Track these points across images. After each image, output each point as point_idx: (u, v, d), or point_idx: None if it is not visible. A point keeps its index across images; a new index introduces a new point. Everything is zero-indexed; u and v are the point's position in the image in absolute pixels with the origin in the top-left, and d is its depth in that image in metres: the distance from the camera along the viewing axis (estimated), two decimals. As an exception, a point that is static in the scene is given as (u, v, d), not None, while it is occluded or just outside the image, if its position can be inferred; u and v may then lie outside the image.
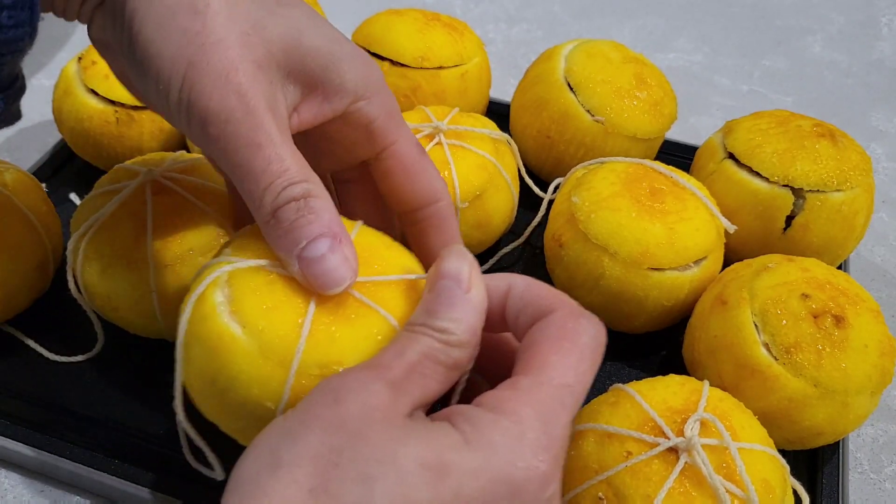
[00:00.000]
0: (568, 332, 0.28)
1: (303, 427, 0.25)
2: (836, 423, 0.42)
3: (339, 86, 0.33)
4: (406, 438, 0.25)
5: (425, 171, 0.37)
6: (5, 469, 0.44)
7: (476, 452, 0.25)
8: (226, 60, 0.29)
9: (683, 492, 0.34)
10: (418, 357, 0.27)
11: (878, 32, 0.88)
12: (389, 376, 0.26)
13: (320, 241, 0.30)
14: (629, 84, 0.55)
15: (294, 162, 0.30)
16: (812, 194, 0.49)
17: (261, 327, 0.29)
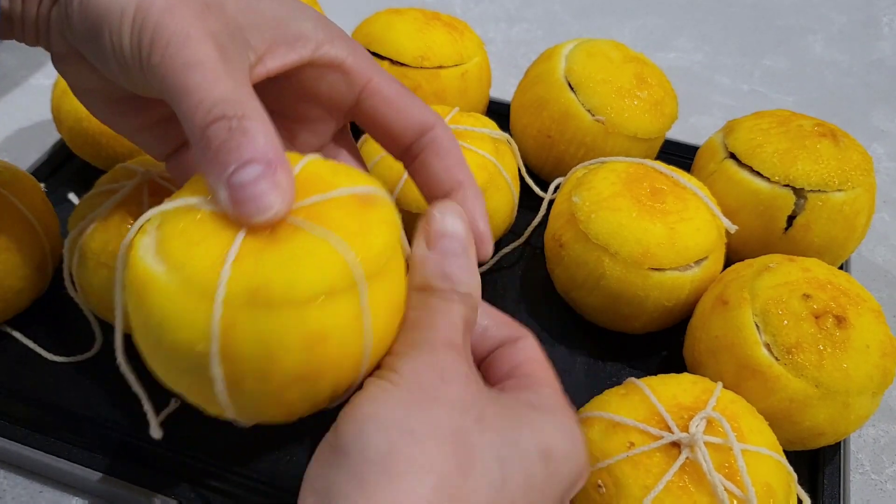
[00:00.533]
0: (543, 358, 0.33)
1: (430, 404, 0.26)
2: (837, 424, 0.42)
3: (299, 34, 0.32)
4: (520, 425, 0.28)
5: (412, 102, 0.35)
6: (4, 470, 0.44)
7: (568, 442, 0.29)
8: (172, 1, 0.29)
9: (682, 486, 0.34)
10: (464, 327, 0.29)
11: (879, 32, 0.88)
12: (464, 354, 0.29)
13: (250, 167, 0.27)
14: (630, 84, 0.55)
15: (231, 85, 0.29)
16: (813, 194, 0.49)
17: (182, 262, 0.26)
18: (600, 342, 0.51)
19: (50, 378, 0.46)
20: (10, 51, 0.76)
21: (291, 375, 0.26)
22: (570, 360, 0.50)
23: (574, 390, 0.48)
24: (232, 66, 0.29)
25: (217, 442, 0.43)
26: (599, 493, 0.35)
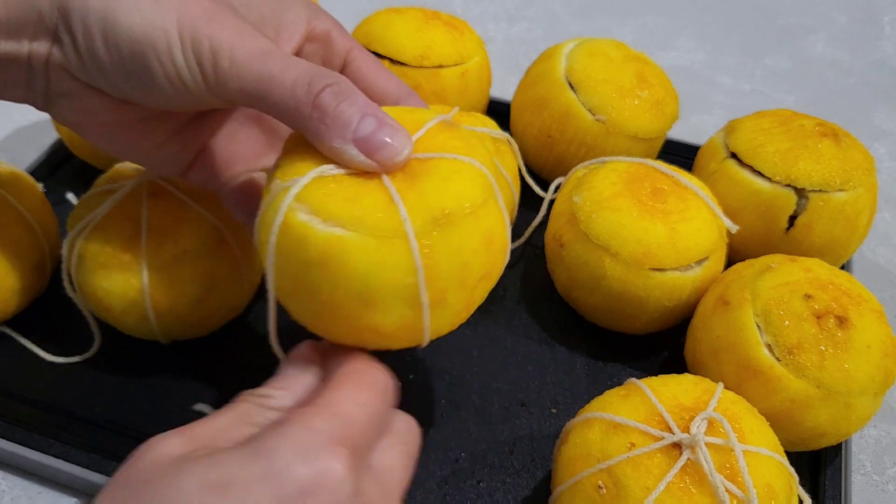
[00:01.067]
0: (359, 369, 0.30)
1: (106, 489, 0.26)
2: (838, 425, 0.41)
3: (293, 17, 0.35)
4: (192, 469, 0.25)
5: (390, 74, 0.38)
6: (2, 471, 0.44)
7: (259, 462, 0.25)
8: (208, 8, 0.31)
9: (683, 487, 0.34)
10: (230, 419, 0.28)
11: (881, 32, 0.88)
12: (189, 433, 0.27)
13: (367, 119, 0.30)
14: (630, 83, 0.55)
15: (307, 62, 0.31)
16: (815, 194, 0.49)
17: (359, 218, 0.28)
18: (601, 342, 0.51)
19: (49, 378, 0.46)
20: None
21: (479, 275, 0.31)
22: (570, 361, 0.50)
23: (575, 391, 0.48)
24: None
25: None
26: (600, 494, 0.35)
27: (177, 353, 0.47)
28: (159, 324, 0.43)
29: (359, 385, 0.29)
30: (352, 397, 0.28)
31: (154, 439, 0.27)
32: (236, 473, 0.24)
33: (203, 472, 0.24)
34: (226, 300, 0.45)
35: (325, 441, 0.26)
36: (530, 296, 0.54)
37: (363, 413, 0.28)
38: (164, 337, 0.45)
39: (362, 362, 0.30)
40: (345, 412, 0.27)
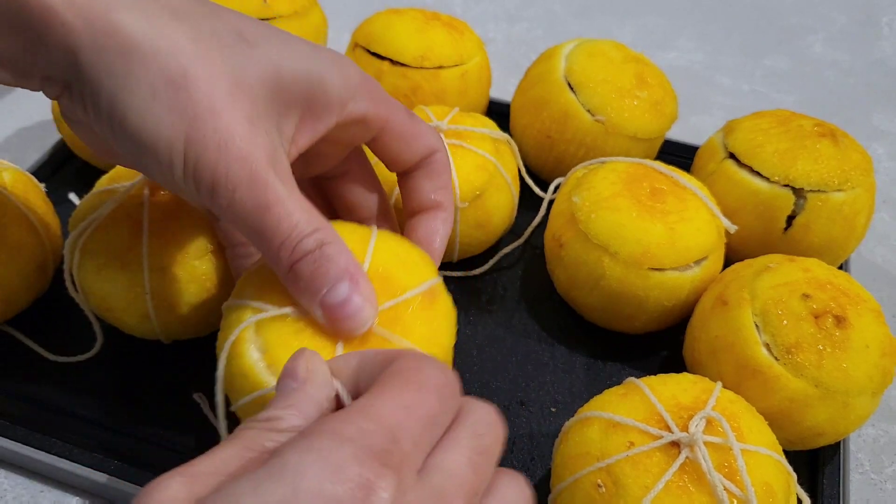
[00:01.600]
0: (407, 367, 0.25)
1: None
2: (837, 424, 0.42)
3: (325, 102, 0.34)
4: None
5: (420, 133, 0.39)
6: (5, 469, 0.44)
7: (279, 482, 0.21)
8: (221, 128, 0.30)
9: (682, 486, 0.34)
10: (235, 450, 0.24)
11: (880, 32, 0.88)
12: (192, 471, 0.23)
13: (339, 286, 0.31)
14: (630, 84, 0.55)
15: (302, 214, 0.31)
16: (813, 194, 0.49)
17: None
18: (600, 342, 0.51)
19: (50, 378, 0.46)
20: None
21: None
22: (570, 360, 0.50)
23: (574, 390, 0.48)
24: (287, 184, 0.31)
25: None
26: (599, 493, 0.35)
27: (178, 352, 0.47)
28: (160, 324, 0.44)
29: (406, 385, 0.24)
30: (396, 399, 0.23)
31: (152, 484, 0.23)
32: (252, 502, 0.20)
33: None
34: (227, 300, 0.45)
35: (360, 454, 0.21)
36: (530, 295, 0.54)
37: (411, 418, 0.23)
38: (165, 337, 0.45)
39: (412, 359, 0.25)
40: (386, 418, 0.23)
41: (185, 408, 0.45)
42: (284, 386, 0.26)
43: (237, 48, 0.31)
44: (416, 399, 0.24)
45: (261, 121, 0.31)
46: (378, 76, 0.57)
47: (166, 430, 0.44)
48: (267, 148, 0.31)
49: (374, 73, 0.58)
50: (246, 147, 0.30)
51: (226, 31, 0.32)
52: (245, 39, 0.32)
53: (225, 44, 0.31)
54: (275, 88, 0.32)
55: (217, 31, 0.31)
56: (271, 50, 0.32)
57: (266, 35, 0.33)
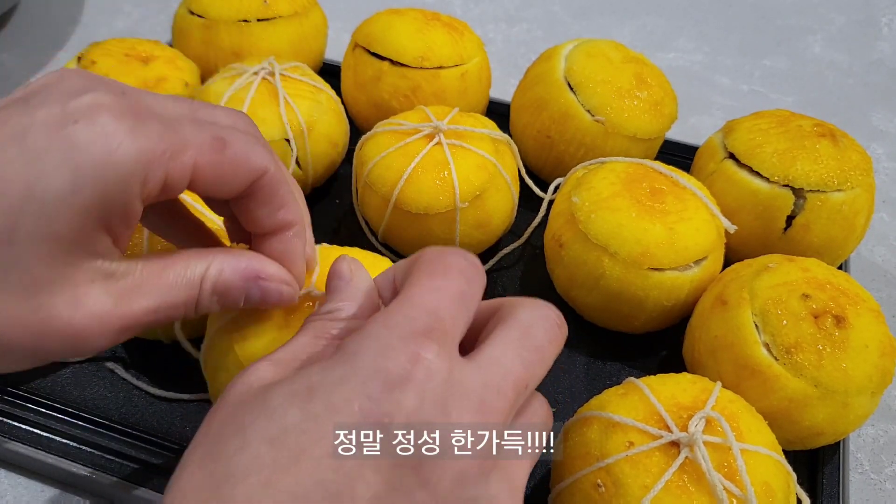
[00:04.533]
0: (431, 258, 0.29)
1: (206, 417, 0.27)
2: (836, 424, 0.42)
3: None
4: (279, 385, 0.25)
5: (243, 157, 0.31)
6: (5, 469, 0.44)
7: (341, 364, 0.25)
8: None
9: (681, 486, 0.34)
10: (307, 338, 0.29)
11: (879, 32, 0.88)
12: (274, 357, 0.28)
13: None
14: (629, 84, 0.55)
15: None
16: (812, 194, 0.49)
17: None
18: (600, 342, 0.51)
19: (50, 377, 0.46)
20: (11, 51, 0.76)
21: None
22: (569, 360, 0.50)
23: (574, 390, 0.48)
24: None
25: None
26: (599, 493, 0.35)
27: (179, 351, 0.47)
28: (161, 323, 0.44)
29: (433, 271, 0.28)
30: (427, 284, 0.27)
31: (244, 370, 0.27)
32: (320, 379, 0.24)
33: (289, 384, 0.25)
34: None
35: (405, 334, 0.25)
36: (530, 295, 0.53)
37: (444, 298, 0.27)
38: (165, 336, 0.45)
39: (434, 251, 0.29)
40: (422, 302, 0.26)
41: (186, 407, 0.45)
42: (334, 284, 0.31)
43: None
44: (443, 281, 0.27)
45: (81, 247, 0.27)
46: (378, 76, 0.57)
47: (167, 430, 0.44)
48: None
49: (374, 74, 0.58)
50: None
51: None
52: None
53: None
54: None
55: None
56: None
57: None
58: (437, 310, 0.26)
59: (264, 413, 0.24)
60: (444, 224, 0.50)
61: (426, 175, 0.49)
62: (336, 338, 0.29)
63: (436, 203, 0.49)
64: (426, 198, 0.49)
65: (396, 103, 0.57)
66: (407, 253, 0.53)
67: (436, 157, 0.49)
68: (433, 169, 0.49)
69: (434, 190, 0.48)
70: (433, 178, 0.49)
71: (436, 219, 0.49)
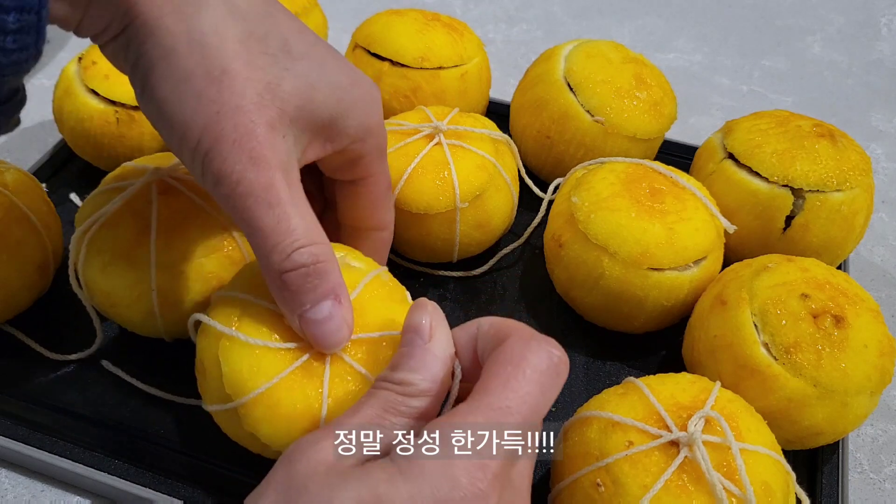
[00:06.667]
0: (513, 357, 0.28)
1: (262, 488, 0.27)
2: (835, 423, 0.42)
3: (342, 131, 0.35)
4: (345, 482, 0.26)
5: (387, 206, 0.40)
6: (5, 469, 0.44)
7: (410, 481, 0.25)
8: (240, 126, 0.30)
9: (681, 485, 0.34)
10: (376, 411, 0.29)
11: (878, 33, 0.89)
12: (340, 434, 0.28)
13: (323, 304, 0.32)
14: (629, 84, 0.56)
15: (302, 223, 0.31)
16: (812, 194, 0.49)
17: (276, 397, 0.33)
18: (599, 342, 0.51)
19: (50, 377, 0.46)
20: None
21: None
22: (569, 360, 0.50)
23: (573, 390, 0.48)
24: (296, 192, 0.32)
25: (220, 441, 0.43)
26: (598, 492, 0.35)
27: (179, 351, 0.47)
28: (164, 322, 0.44)
29: (513, 380, 0.28)
30: (501, 400, 0.27)
31: (307, 443, 0.28)
32: (387, 494, 0.25)
33: (357, 488, 0.26)
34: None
35: (475, 470, 0.26)
36: (529, 295, 0.54)
37: (512, 420, 0.27)
38: (168, 335, 0.45)
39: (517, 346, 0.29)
40: (492, 424, 0.27)
41: (186, 407, 0.45)
42: (411, 341, 0.31)
43: (280, 57, 0.32)
44: (519, 398, 0.27)
45: (282, 129, 0.32)
46: (378, 77, 0.58)
47: (167, 430, 0.44)
48: (280, 153, 0.31)
49: (374, 74, 0.58)
50: (259, 148, 0.31)
51: (274, 38, 0.32)
52: (289, 51, 0.33)
53: (270, 51, 0.32)
54: (303, 105, 0.33)
55: (266, 37, 0.32)
56: (311, 68, 0.33)
57: (309, 52, 0.34)
58: (510, 426, 0.27)
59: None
60: (445, 224, 0.50)
61: (426, 175, 0.49)
62: (405, 416, 0.29)
63: (436, 203, 0.49)
64: (426, 198, 0.49)
65: (396, 104, 0.58)
66: (407, 253, 0.53)
67: (436, 157, 0.49)
68: (433, 169, 0.49)
69: (434, 190, 0.49)
70: (433, 178, 0.49)
71: (436, 219, 0.49)
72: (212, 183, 0.31)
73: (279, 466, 0.28)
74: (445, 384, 0.30)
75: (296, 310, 0.32)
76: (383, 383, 0.30)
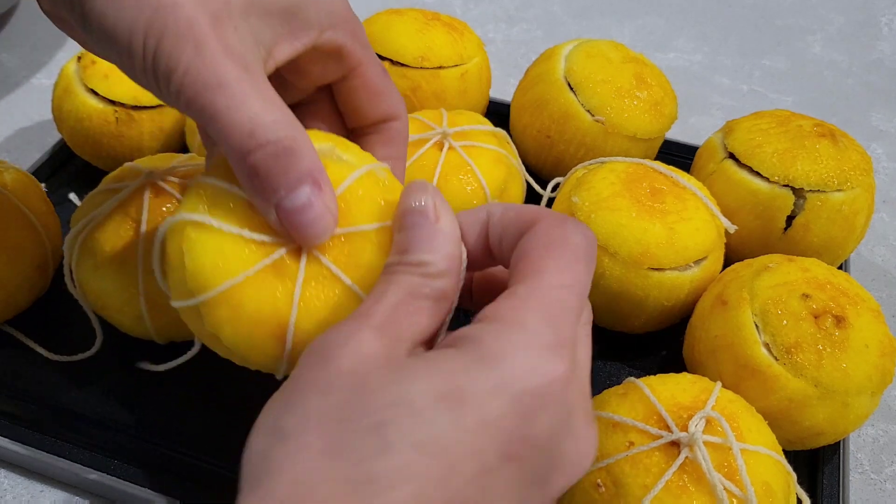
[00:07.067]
0: (556, 238, 0.27)
1: (299, 394, 0.24)
2: (836, 424, 0.42)
3: (305, 20, 0.32)
4: (412, 375, 0.23)
5: (388, 91, 0.37)
6: (4, 469, 0.44)
7: (490, 370, 0.23)
8: (181, 20, 0.28)
9: (681, 486, 0.34)
10: (401, 296, 0.26)
11: (878, 32, 0.88)
12: (374, 322, 0.25)
13: (300, 190, 0.28)
14: (629, 84, 0.55)
15: (264, 102, 0.29)
16: (812, 194, 0.49)
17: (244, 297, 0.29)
18: (600, 342, 0.51)
19: (50, 377, 0.46)
20: (11, 51, 0.76)
21: None
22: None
23: (574, 390, 0.48)
24: (254, 77, 0.29)
25: (219, 441, 0.43)
26: (599, 493, 0.35)
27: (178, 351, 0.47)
28: (154, 325, 0.43)
29: (564, 259, 0.26)
30: (559, 279, 0.26)
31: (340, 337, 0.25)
32: (469, 385, 0.23)
33: (430, 380, 0.23)
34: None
35: (549, 345, 0.24)
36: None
37: (573, 298, 0.26)
38: (159, 338, 0.45)
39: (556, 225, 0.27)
40: (557, 303, 0.25)
41: (186, 407, 0.45)
42: (415, 222, 0.28)
43: None
44: (574, 276, 0.26)
45: (230, 21, 0.30)
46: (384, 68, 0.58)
47: (166, 430, 0.44)
48: (231, 44, 0.29)
49: (374, 74, 0.58)
50: (202, 34, 0.28)
51: None
52: None
53: None
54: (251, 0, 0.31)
55: None
56: None
57: None
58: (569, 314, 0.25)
59: (408, 412, 0.22)
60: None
61: (451, 181, 0.49)
62: (429, 299, 0.27)
63: (470, 206, 0.48)
64: (458, 203, 0.49)
65: (397, 103, 0.58)
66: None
67: (453, 161, 0.50)
68: (455, 173, 0.49)
69: (464, 194, 0.49)
70: (459, 182, 0.49)
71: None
72: (165, 84, 0.29)
73: (310, 368, 0.24)
74: (459, 265, 0.28)
75: (270, 198, 0.28)
76: (399, 267, 0.27)
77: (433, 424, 0.22)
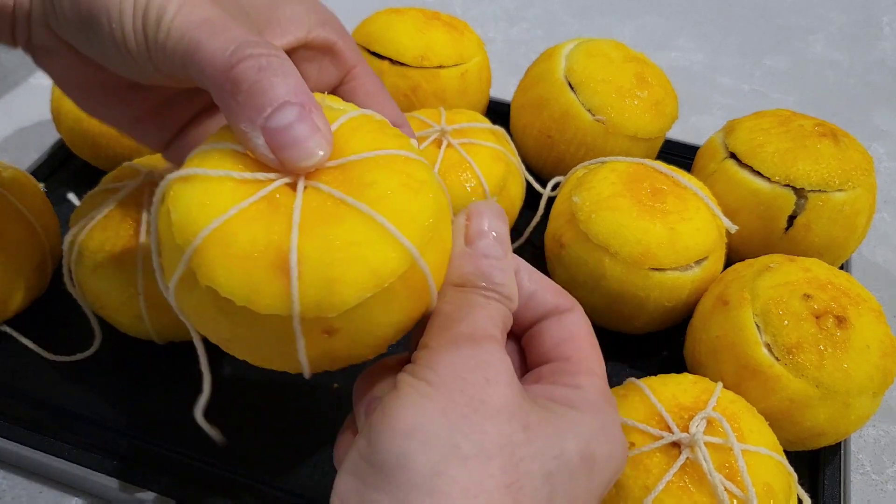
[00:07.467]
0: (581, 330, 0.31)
1: (475, 414, 0.24)
2: (837, 424, 0.41)
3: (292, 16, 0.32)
4: (564, 431, 0.26)
5: (387, 100, 0.37)
6: (3, 470, 0.44)
7: (609, 443, 0.27)
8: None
9: (682, 486, 0.34)
10: (503, 326, 0.28)
11: (880, 32, 0.88)
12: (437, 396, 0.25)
13: (287, 108, 0.26)
14: (630, 83, 0.55)
15: (245, 30, 0.28)
16: (814, 194, 0.49)
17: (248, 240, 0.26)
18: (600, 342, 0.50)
19: (49, 378, 0.46)
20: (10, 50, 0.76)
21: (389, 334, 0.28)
22: (570, 361, 0.50)
23: (574, 390, 0.48)
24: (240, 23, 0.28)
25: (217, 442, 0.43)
26: (599, 494, 0.35)
27: (178, 351, 0.47)
28: (153, 325, 0.43)
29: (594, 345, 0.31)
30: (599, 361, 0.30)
31: (487, 352, 0.26)
32: (596, 451, 0.27)
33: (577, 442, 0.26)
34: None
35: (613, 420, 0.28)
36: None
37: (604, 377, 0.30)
38: (158, 338, 0.45)
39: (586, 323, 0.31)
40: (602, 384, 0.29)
41: (185, 407, 0.45)
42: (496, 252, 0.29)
43: None
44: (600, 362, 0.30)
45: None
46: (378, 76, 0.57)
47: (166, 430, 0.44)
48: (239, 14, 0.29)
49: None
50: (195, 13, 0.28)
51: None
52: None
53: None
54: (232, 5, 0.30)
55: None
56: None
57: None
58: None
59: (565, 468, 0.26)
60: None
61: (450, 178, 0.49)
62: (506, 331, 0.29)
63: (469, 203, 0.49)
64: (459, 200, 0.49)
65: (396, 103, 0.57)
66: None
67: (452, 159, 0.50)
68: (454, 171, 0.49)
69: (464, 192, 0.49)
70: (458, 180, 0.49)
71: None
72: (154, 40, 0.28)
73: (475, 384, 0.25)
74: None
75: (256, 119, 0.26)
76: (495, 294, 0.28)
77: (577, 483, 0.26)
